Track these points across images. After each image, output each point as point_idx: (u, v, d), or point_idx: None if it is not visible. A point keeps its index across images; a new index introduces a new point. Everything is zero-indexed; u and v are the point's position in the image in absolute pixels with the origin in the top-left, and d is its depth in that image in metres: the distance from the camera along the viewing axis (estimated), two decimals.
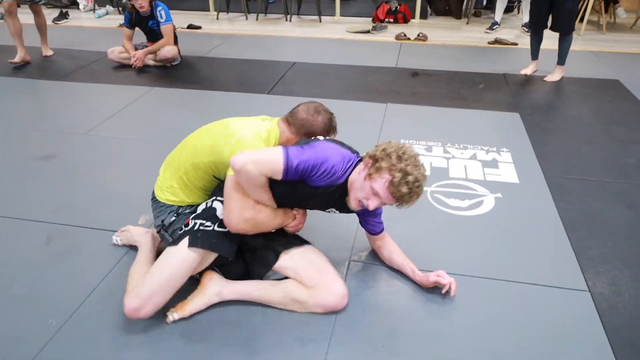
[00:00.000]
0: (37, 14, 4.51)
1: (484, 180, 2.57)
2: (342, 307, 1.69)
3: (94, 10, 6.83)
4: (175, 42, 4.50)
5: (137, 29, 4.45)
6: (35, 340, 1.59)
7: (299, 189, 1.61)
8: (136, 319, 1.58)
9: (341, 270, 1.89)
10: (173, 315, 1.65)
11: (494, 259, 1.99)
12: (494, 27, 5.72)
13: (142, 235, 1.96)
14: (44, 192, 2.47)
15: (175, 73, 4.35)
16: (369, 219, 1.83)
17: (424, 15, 6.41)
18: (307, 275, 1.68)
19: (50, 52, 4.74)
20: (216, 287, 1.72)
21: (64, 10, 6.56)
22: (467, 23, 6.20)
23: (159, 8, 4.27)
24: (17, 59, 4.36)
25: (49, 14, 6.59)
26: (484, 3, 6.75)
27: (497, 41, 5.25)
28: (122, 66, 4.42)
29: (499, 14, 5.76)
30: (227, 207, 1.62)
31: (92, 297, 1.77)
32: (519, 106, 3.56)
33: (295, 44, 5.33)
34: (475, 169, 2.69)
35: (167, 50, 4.33)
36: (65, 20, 6.35)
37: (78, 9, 6.94)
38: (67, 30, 5.92)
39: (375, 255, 1.96)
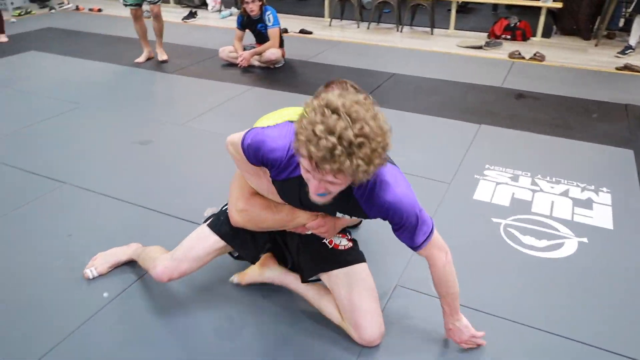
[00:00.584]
0: (156, 18, 4.64)
1: (571, 221, 2.30)
2: (373, 346, 1.59)
3: (220, 10, 7.35)
4: (281, 46, 4.66)
5: (247, 30, 4.69)
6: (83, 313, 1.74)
7: (282, 184, 1.42)
8: (164, 281, 1.65)
9: (384, 295, 1.81)
10: (234, 278, 1.85)
11: (564, 313, 1.76)
12: (627, 52, 5.12)
13: (126, 247, 1.98)
14: (132, 175, 2.70)
15: (276, 75, 4.51)
16: (394, 229, 1.42)
17: (546, 34, 5.94)
18: (341, 306, 1.59)
19: (165, 57, 4.80)
20: (271, 275, 1.79)
21: (194, 10, 7.14)
22: (596, 45, 5.63)
23: (268, 12, 4.45)
24: (141, 58, 4.79)
25: (181, 12, 7.24)
26: (620, 24, 6.08)
27: (627, 67, 4.69)
28: (230, 65, 4.70)
29: (634, 38, 5.14)
30: (229, 198, 1.64)
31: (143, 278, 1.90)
32: (635, 143, 3.14)
33: (400, 55, 5.24)
34: (563, 206, 2.42)
35: (271, 52, 4.50)
36: (193, 19, 6.91)
37: (207, 9, 7.51)
38: (193, 28, 6.43)
39: (426, 283, 1.84)
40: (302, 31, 6.15)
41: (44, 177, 2.65)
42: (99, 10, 7.47)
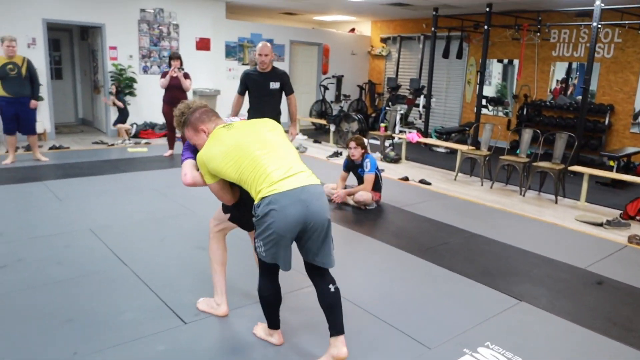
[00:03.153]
0: None
1: None
2: None
3: None
4: (377, 190, 5.06)
5: (351, 173, 5.24)
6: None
7: None
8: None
9: None
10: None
11: None
12: None
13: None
14: None
15: (361, 216, 4.86)
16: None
17: None
18: None
19: None
20: None
21: (339, 151, 8.11)
22: None
23: (367, 160, 4.97)
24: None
25: (329, 150, 8.27)
26: None
27: None
28: (329, 200, 5.24)
29: None
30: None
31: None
32: None
33: (499, 217, 5.11)
34: None
35: (360, 194, 4.93)
36: (335, 158, 7.84)
37: None
38: (328, 165, 7.30)
39: None
40: (422, 181, 6.46)
41: None
42: None
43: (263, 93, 4.74)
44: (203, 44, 9.79)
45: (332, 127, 9.08)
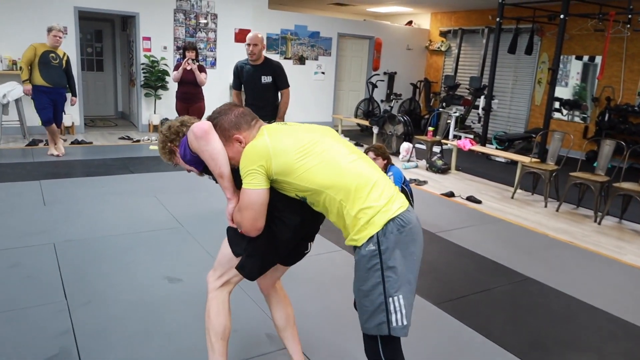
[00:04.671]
0: None
1: None
2: None
3: (408, 160, 7.20)
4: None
5: None
6: None
7: None
8: None
9: None
10: None
11: None
12: None
13: None
14: None
15: None
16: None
17: None
18: None
19: None
20: None
21: None
22: None
23: (390, 173, 4.03)
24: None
25: None
26: None
27: None
28: None
29: None
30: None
31: None
32: None
33: (565, 254, 3.99)
34: None
35: None
36: None
37: (397, 156, 7.47)
38: None
39: None
40: (470, 198, 5.41)
41: None
42: None
43: (255, 87, 4.15)
44: (243, 36, 9.14)
45: (375, 130, 8.14)
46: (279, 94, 4.27)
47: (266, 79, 4.12)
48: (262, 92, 4.14)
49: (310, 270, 3.20)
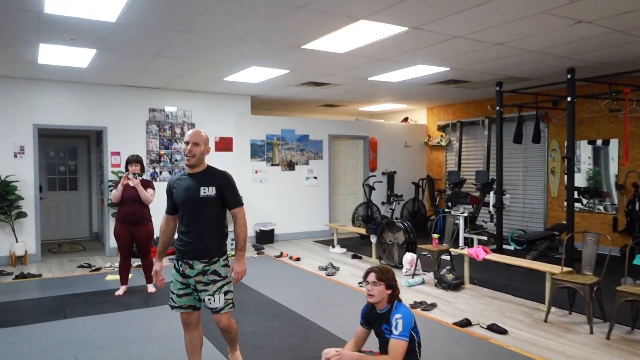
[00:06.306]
0: (225, 330, 3.11)
1: None
2: None
3: (413, 275, 6.03)
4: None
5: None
6: None
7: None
8: None
9: None
10: None
11: None
12: None
13: None
14: None
15: None
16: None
17: None
18: None
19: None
20: None
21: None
22: None
23: (397, 315, 2.85)
24: None
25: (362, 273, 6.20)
26: None
27: None
28: None
29: None
30: None
31: None
32: None
33: None
34: None
35: None
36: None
37: (400, 269, 6.31)
38: (356, 295, 5.20)
39: None
40: (492, 328, 4.15)
41: None
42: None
43: (192, 204, 3.01)
44: (224, 144, 8.50)
45: (373, 239, 7.07)
46: (229, 215, 3.11)
47: (207, 191, 2.99)
48: (201, 210, 2.98)
49: None
